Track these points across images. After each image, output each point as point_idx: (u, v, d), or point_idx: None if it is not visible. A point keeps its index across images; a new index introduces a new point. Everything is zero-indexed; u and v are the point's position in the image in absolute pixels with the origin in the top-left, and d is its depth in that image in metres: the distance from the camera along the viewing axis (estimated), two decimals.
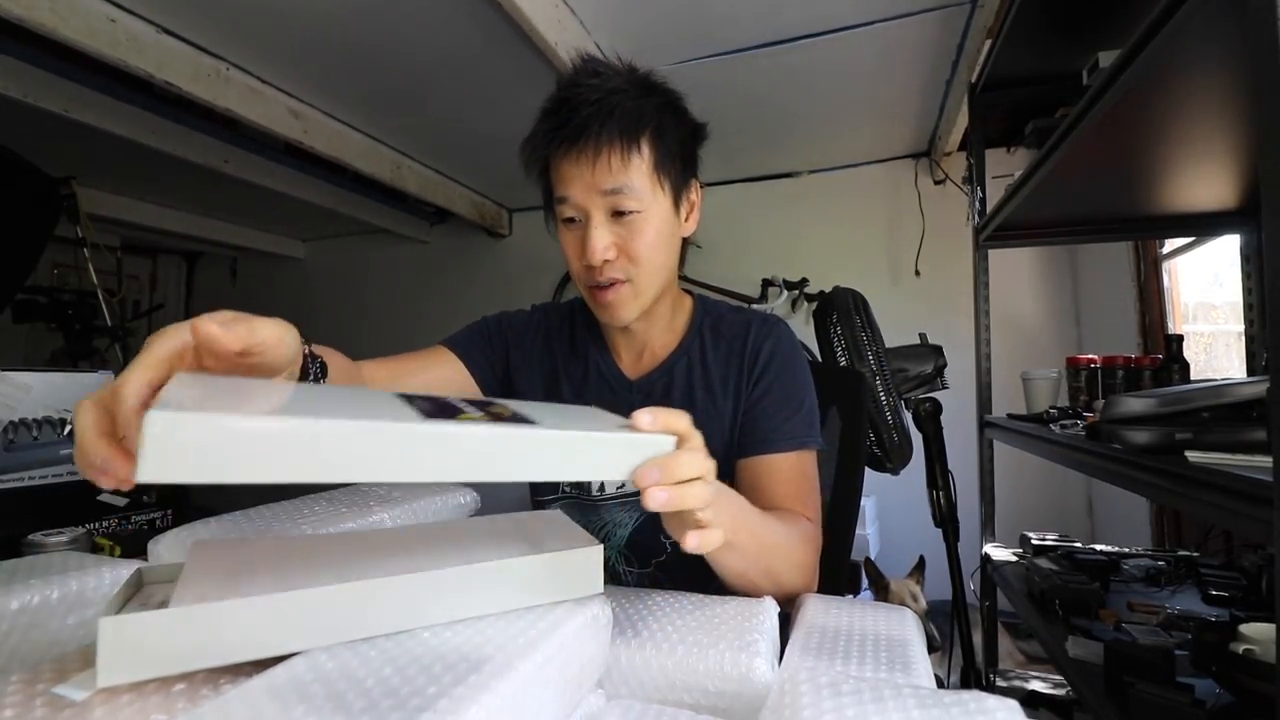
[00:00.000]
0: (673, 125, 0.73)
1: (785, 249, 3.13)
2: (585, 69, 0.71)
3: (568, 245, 0.73)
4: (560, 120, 0.68)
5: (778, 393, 0.76)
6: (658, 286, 0.75)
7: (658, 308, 0.79)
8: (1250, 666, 0.80)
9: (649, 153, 0.70)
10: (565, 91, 0.70)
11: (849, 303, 1.32)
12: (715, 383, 0.79)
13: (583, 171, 0.68)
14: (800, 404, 0.77)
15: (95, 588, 0.46)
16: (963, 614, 1.57)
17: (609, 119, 0.67)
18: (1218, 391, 0.79)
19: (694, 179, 0.78)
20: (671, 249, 0.75)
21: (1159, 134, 0.97)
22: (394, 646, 0.36)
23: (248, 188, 2.93)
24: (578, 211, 0.70)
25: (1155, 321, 2.19)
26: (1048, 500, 2.67)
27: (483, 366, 0.83)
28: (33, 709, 0.31)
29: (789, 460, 0.74)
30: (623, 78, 0.71)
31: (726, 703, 0.44)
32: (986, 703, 0.34)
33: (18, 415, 0.99)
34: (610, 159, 0.67)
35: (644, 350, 0.83)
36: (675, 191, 0.73)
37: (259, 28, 1.87)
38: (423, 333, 3.85)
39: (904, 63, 2.12)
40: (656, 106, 0.71)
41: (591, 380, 0.83)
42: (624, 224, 0.70)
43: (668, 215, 0.73)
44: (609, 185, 0.68)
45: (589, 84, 0.69)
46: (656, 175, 0.71)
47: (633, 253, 0.71)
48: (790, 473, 0.74)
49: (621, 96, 0.69)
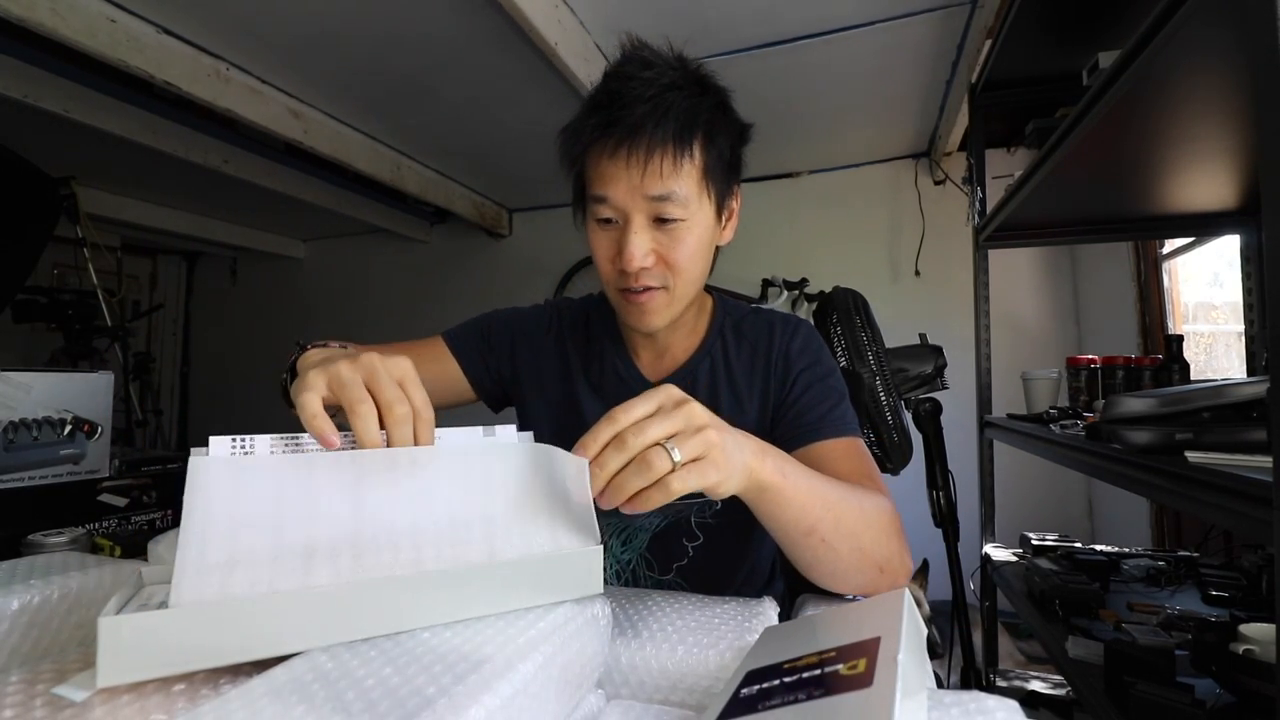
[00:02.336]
0: (724, 127, 0.69)
1: (785, 249, 3.13)
2: (636, 59, 0.66)
3: (600, 245, 0.69)
4: (611, 116, 0.63)
5: (818, 387, 0.75)
6: (691, 295, 0.72)
7: (685, 312, 0.76)
8: (1250, 666, 0.80)
9: (700, 158, 0.66)
10: (616, 84, 0.64)
11: (849, 303, 1.31)
12: (740, 385, 0.77)
13: (630, 174, 0.63)
14: (842, 396, 0.75)
15: (95, 588, 0.46)
16: (963, 614, 1.57)
17: (664, 119, 0.62)
18: (1218, 391, 0.79)
19: (737, 184, 0.74)
20: (708, 258, 0.72)
21: (1159, 134, 0.97)
22: (394, 646, 0.36)
23: (248, 188, 2.93)
24: (617, 213, 0.66)
25: (1155, 321, 2.19)
26: (1048, 500, 2.67)
27: (477, 367, 0.82)
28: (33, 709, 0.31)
29: (843, 444, 0.70)
30: (677, 72, 0.65)
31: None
32: (986, 703, 0.34)
33: (18, 415, 0.99)
34: (661, 164, 0.63)
35: (665, 352, 0.80)
36: (719, 199, 0.70)
37: (259, 28, 1.87)
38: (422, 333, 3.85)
39: (904, 63, 2.12)
40: (710, 106, 0.67)
41: (609, 381, 0.80)
42: (666, 231, 0.66)
43: (709, 224, 0.69)
44: (656, 191, 0.63)
45: (642, 77, 0.63)
46: (705, 182, 0.67)
47: (672, 261, 0.67)
48: (849, 453, 0.69)
49: (677, 95, 0.64)
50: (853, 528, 0.55)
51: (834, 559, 0.55)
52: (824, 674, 0.33)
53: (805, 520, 0.53)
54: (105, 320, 2.81)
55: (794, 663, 0.36)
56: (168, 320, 4.53)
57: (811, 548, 0.54)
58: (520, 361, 0.83)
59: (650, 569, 0.78)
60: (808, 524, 0.53)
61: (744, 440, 0.50)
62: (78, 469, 1.05)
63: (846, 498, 0.56)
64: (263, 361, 4.40)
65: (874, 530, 0.57)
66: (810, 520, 0.53)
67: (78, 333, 2.78)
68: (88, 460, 1.07)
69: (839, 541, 0.54)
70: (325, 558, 0.37)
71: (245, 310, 4.50)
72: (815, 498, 0.53)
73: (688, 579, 0.78)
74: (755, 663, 0.39)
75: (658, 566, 0.78)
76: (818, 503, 0.53)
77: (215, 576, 0.35)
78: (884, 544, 0.57)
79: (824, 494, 0.54)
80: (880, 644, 0.34)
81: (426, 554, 0.40)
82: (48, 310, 2.73)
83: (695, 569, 0.77)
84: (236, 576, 0.35)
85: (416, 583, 0.38)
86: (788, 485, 0.51)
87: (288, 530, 0.36)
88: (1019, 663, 2.14)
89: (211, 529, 0.35)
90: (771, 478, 0.50)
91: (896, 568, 0.58)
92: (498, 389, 0.85)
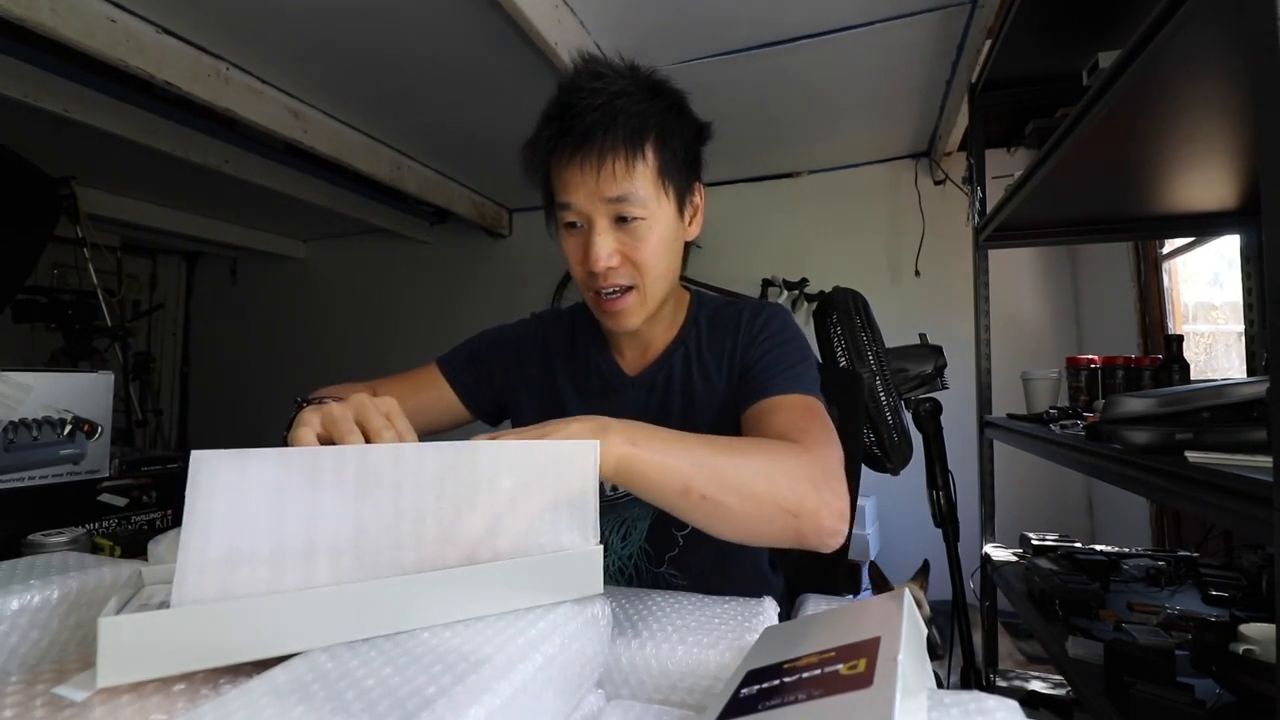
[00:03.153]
0: (677, 128, 0.72)
1: (785, 249, 3.13)
2: (587, 71, 0.70)
3: (570, 250, 0.73)
4: (563, 126, 0.67)
5: (775, 352, 0.76)
6: (663, 292, 0.75)
7: (661, 309, 0.79)
8: (1250, 666, 0.80)
9: (653, 159, 0.69)
10: (567, 96, 0.68)
11: (849, 303, 1.31)
12: (710, 365, 0.80)
13: (586, 179, 0.67)
14: (799, 360, 0.75)
15: (95, 588, 0.46)
16: (963, 614, 1.57)
17: (613, 125, 0.66)
18: (1218, 391, 0.79)
19: (697, 182, 0.77)
20: (675, 254, 0.75)
21: (1159, 134, 0.97)
22: (394, 647, 0.36)
23: (248, 188, 2.93)
24: (581, 218, 0.70)
25: (1155, 321, 2.19)
26: (1048, 500, 2.67)
27: (469, 387, 0.86)
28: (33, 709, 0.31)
29: (786, 399, 0.70)
30: (626, 80, 0.69)
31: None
32: (986, 703, 0.34)
33: (18, 415, 0.99)
34: (614, 167, 0.66)
35: (647, 348, 0.83)
36: (679, 196, 0.73)
37: (259, 28, 1.87)
38: (422, 333, 3.88)
39: (904, 63, 2.12)
40: (661, 109, 0.70)
41: (592, 380, 0.84)
42: (628, 231, 0.69)
43: (671, 221, 0.72)
44: (613, 193, 0.67)
45: (592, 87, 0.67)
46: (661, 181, 0.70)
47: (637, 260, 0.70)
48: (787, 406, 0.69)
49: (625, 100, 0.67)
50: (738, 479, 0.53)
51: (724, 513, 0.53)
52: (824, 674, 0.33)
53: (675, 481, 0.52)
54: (105, 320, 2.81)
55: (794, 663, 0.36)
56: (168, 320, 4.53)
57: (694, 507, 0.53)
58: (510, 374, 0.87)
59: (649, 562, 0.79)
60: (680, 485, 0.52)
61: (579, 426, 0.50)
62: (78, 469, 1.05)
63: (725, 452, 0.55)
64: (263, 361, 4.40)
65: (773, 477, 0.55)
66: (681, 480, 0.52)
67: (78, 333, 2.78)
68: (88, 460, 1.07)
69: (724, 495, 0.53)
70: (326, 557, 0.37)
71: (245, 310, 4.50)
72: (681, 459, 0.52)
73: (680, 568, 0.79)
74: (755, 663, 0.39)
75: (653, 558, 0.79)
76: (687, 461, 0.52)
77: (216, 576, 0.35)
78: (791, 490, 0.55)
79: (694, 452, 0.53)
80: (880, 644, 0.34)
81: (427, 554, 0.40)
82: (48, 310, 2.73)
83: (686, 558, 0.78)
84: (237, 576, 0.35)
85: (417, 583, 0.38)
86: (640, 453, 0.50)
87: (289, 529, 0.36)
88: (1019, 663, 2.14)
89: (213, 528, 0.35)
90: (620, 449, 0.50)
91: (818, 511, 0.55)
92: (492, 405, 0.88)
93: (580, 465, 0.45)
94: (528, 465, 0.43)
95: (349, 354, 4.09)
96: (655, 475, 0.51)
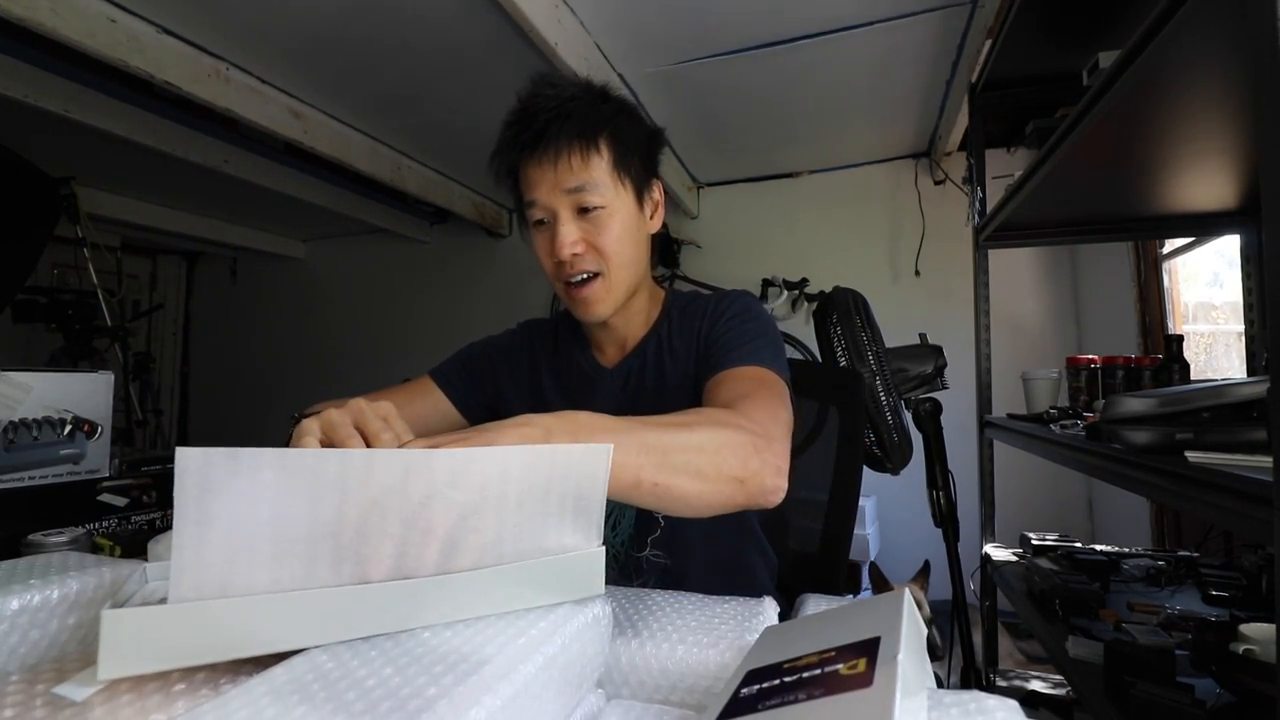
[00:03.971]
0: (629, 128, 0.77)
1: (785, 249, 3.13)
2: (542, 82, 0.77)
3: (539, 247, 0.77)
4: (521, 128, 0.74)
5: (736, 330, 0.78)
6: (629, 281, 0.79)
7: (634, 303, 0.83)
8: (1250, 666, 0.80)
9: (608, 152, 0.74)
10: (525, 103, 0.75)
11: (849, 303, 1.31)
12: (679, 351, 0.83)
13: (546, 173, 0.73)
14: (757, 335, 0.76)
15: (95, 588, 0.46)
16: (963, 614, 1.57)
17: (566, 121, 0.72)
18: (1218, 391, 0.79)
19: (656, 179, 0.82)
20: (638, 243, 0.79)
21: (1159, 134, 0.97)
22: (394, 646, 0.36)
23: (248, 188, 2.93)
24: (546, 212, 0.75)
25: (1155, 321, 2.19)
26: (1048, 500, 2.67)
27: (464, 395, 0.89)
28: (33, 709, 0.31)
29: (738, 370, 0.71)
30: (579, 88, 0.76)
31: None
32: (986, 703, 0.34)
33: (18, 415, 0.99)
34: (571, 158, 0.72)
35: (624, 342, 0.87)
36: (637, 189, 0.78)
37: (259, 28, 1.87)
38: (422, 333, 3.88)
39: (904, 63, 2.12)
40: (612, 112, 0.76)
41: (574, 375, 0.88)
42: (590, 220, 0.74)
43: (631, 211, 0.77)
44: (572, 184, 0.72)
45: (546, 94, 0.74)
46: (617, 173, 0.75)
47: (600, 246, 0.75)
48: (739, 378, 0.70)
49: (577, 103, 0.74)
50: (684, 458, 0.54)
51: (677, 494, 0.54)
52: (824, 674, 0.33)
53: (626, 476, 0.51)
54: (105, 320, 2.81)
55: (794, 663, 0.36)
56: (168, 320, 4.53)
57: (647, 494, 0.53)
58: (500, 380, 0.91)
59: (633, 547, 0.81)
60: (631, 478, 0.51)
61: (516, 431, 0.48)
62: (78, 469, 1.05)
63: (669, 430, 0.55)
64: (263, 361, 4.40)
65: (716, 450, 0.55)
66: (631, 473, 0.51)
67: (78, 333, 2.78)
68: (88, 460, 1.07)
69: (673, 477, 0.53)
70: (328, 556, 0.37)
71: (245, 310, 4.50)
72: (628, 449, 0.51)
73: (664, 549, 0.80)
74: (755, 662, 0.39)
75: (637, 543, 0.81)
76: (633, 451, 0.51)
77: (216, 572, 0.34)
78: (733, 456, 0.56)
79: (639, 438, 0.52)
80: (880, 644, 0.34)
81: (430, 554, 0.40)
82: (48, 310, 2.73)
83: (667, 538, 0.80)
84: (238, 573, 0.35)
85: (420, 582, 0.38)
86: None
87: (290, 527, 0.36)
88: (1019, 663, 2.14)
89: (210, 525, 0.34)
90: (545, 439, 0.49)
91: (759, 471, 0.57)
92: (485, 411, 0.90)
93: (592, 470, 0.45)
94: (539, 470, 0.42)
95: (349, 354, 4.09)
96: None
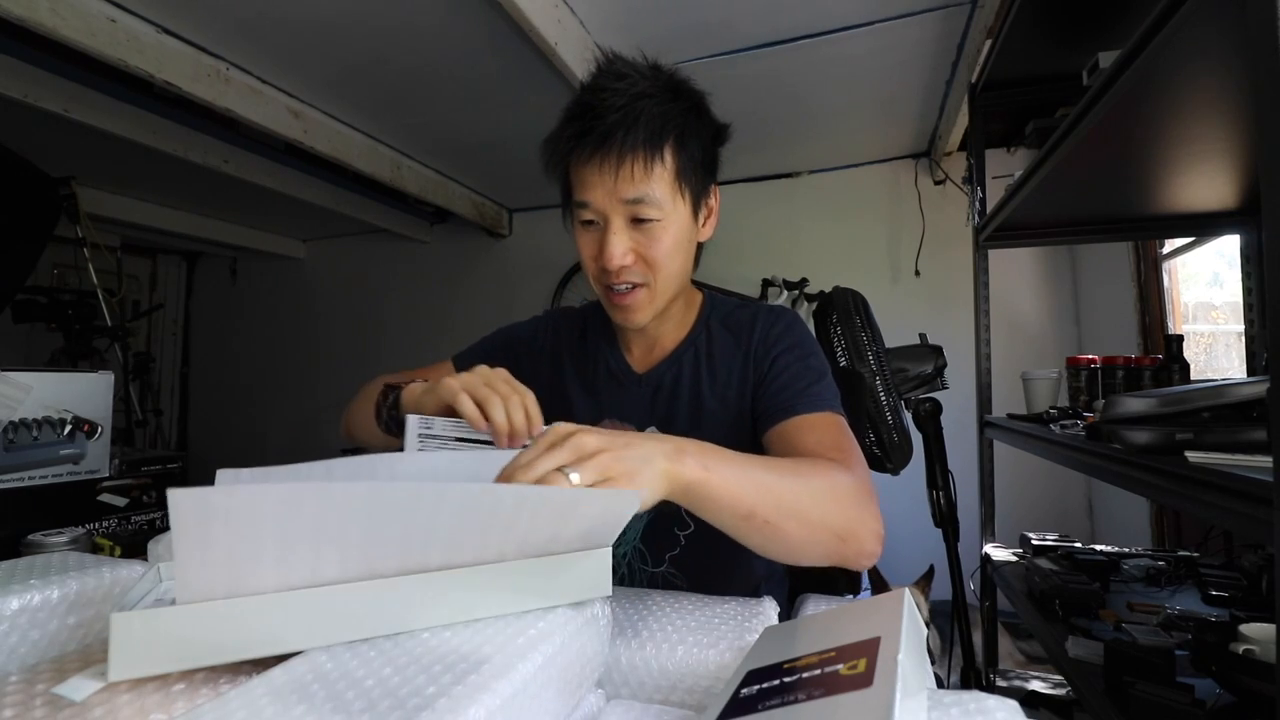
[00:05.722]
0: (696, 130, 0.73)
1: (785, 249, 3.13)
2: (610, 71, 0.71)
3: (584, 246, 0.74)
4: (584, 126, 0.68)
5: (795, 367, 0.77)
6: (673, 291, 0.77)
7: (671, 307, 0.80)
8: (1250, 666, 0.80)
9: (671, 162, 0.70)
10: (589, 95, 0.69)
11: (849, 303, 1.31)
12: (720, 373, 0.80)
13: (605, 179, 0.68)
14: (820, 375, 0.76)
15: (95, 588, 0.46)
16: (963, 614, 1.57)
17: (634, 126, 0.67)
18: (1218, 391, 0.79)
19: (713, 184, 0.78)
20: (687, 254, 0.77)
21: (1159, 134, 0.97)
22: (393, 647, 0.36)
23: (248, 188, 2.92)
24: (597, 216, 0.71)
25: (1155, 321, 2.19)
26: (1048, 500, 2.67)
27: None
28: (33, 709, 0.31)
29: (814, 418, 0.71)
30: (648, 81, 0.70)
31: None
32: (986, 703, 0.34)
33: (18, 415, 0.99)
34: (633, 168, 0.68)
35: (655, 345, 0.85)
36: (695, 199, 0.74)
37: (259, 28, 1.87)
38: (422, 332, 3.87)
39: (904, 63, 2.12)
40: (682, 111, 0.71)
41: (601, 376, 0.85)
42: (643, 231, 0.71)
43: (686, 223, 0.74)
44: (631, 195, 0.68)
45: (614, 88, 0.68)
46: (678, 184, 0.71)
47: (650, 259, 0.72)
48: (818, 426, 0.70)
49: (647, 102, 0.68)
50: (795, 505, 0.55)
51: (782, 538, 0.55)
52: (824, 674, 0.33)
53: (740, 507, 0.53)
54: (105, 320, 2.81)
55: (794, 663, 0.36)
56: (168, 320, 4.53)
57: (755, 530, 0.54)
58: (521, 369, 0.87)
59: (644, 561, 0.79)
60: (744, 510, 0.53)
61: (656, 446, 0.50)
62: (78, 469, 1.05)
63: (786, 476, 0.56)
64: (263, 361, 4.40)
65: (825, 502, 0.57)
66: (746, 506, 0.53)
67: (78, 333, 2.78)
68: (88, 460, 1.07)
69: (783, 520, 0.54)
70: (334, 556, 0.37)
71: (245, 310, 4.49)
72: (747, 483, 0.53)
73: (681, 568, 0.78)
74: (755, 663, 0.39)
75: (651, 558, 0.79)
76: (751, 487, 0.53)
77: (222, 573, 0.34)
78: (840, 514, 0.57)
79: (758, 478, 0.54)
80: (880, 644, 0.33)
81: (434, 554, 0.39)
82: (48, 310, 2.73)
83: (688, 557, 0.78)
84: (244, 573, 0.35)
85: (425, 583, 0.38)
86: (713, 478, 0.51)
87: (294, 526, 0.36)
88: (1019, 663, 2.14)
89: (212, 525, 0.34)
90: (694, 474, 0.50)
91: (860, 534, 0.58)
92: None
93: (615, 515, 0.44)
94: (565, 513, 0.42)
95: (349, 353, 4.09)
96: (724, 500, 0.52)
